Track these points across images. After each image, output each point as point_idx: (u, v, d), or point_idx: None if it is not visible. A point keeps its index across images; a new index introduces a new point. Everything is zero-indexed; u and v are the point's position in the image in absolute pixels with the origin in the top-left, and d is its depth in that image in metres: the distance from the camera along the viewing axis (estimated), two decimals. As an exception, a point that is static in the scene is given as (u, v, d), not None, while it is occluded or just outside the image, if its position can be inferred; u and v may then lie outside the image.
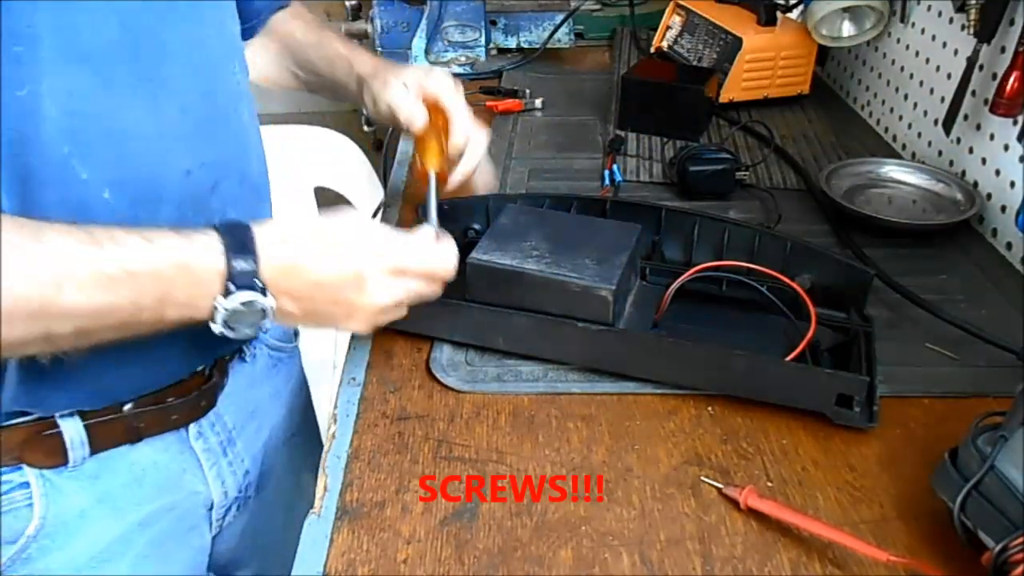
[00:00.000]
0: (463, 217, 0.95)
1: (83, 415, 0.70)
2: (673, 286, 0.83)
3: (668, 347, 0.79)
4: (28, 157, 0.59)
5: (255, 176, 0.79)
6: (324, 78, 0.95)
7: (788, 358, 0.77)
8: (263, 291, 0.62)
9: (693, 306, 0.86)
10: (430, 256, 0.71)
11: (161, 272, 0.59)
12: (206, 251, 0.61)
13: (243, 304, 0.61)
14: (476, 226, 0.95)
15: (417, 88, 0.86)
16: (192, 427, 0.78)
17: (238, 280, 0.61)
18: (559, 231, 0.85)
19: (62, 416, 0.69)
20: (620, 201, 0.97)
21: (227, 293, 0.61)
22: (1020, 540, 0.55)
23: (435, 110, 0.84)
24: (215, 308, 0.61)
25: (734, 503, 0.67)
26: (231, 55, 0.75)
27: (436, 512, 0.67)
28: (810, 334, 0.78)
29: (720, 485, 0.69)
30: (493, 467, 0.71)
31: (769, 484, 0.69)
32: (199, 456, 0.79)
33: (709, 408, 0.77)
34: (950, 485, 0.61)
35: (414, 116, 0.84)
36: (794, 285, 0.83)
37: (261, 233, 0.63)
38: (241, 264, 0.61)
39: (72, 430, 0.69)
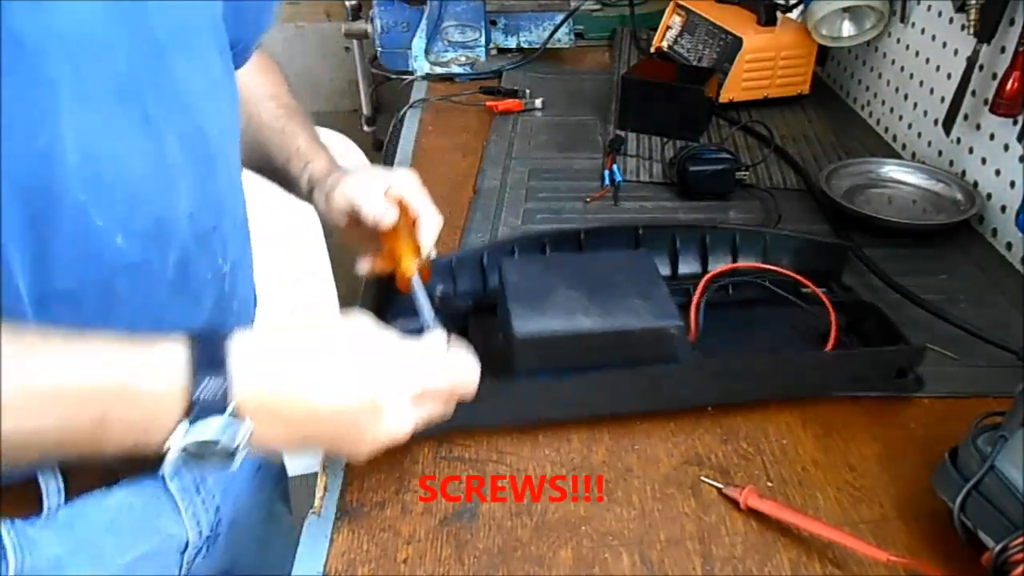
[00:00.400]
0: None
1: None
2: (695, 302, 0.83)
3: (741, 367, 0.77)
4: (45, 206, 0.56)
5: (243, 218, 0.77)
6: (277, 168, 0.89)
7: (828, 346, 0.79)
8: (234, 417, 0.52)
9: (705, 316, 0.84)
10: (454, 374, 0.62)
11: (98, 390, 0.49)
12: (163, 363, 0.51)
13: (203, 442, 0.51)
14: (441, 287, 0.87)
15: (382, 185, 0.79)
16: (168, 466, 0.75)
17: (203, 405, 0.51)
18: (577, 276, 0.78)
19: None
20: (592, 230, 0.93)
21: (188, 420, 0.51)
22: (1020, 540, 0.55)
23: (402, 210, 0.78)
24: (168, 438, 0.51)
25: (734, 503, 0.67)
26: (221, 95, 0.71)
27: (436, 512, 0.67)
28: (833, 320, 0.80)
29: (720, 485, 0.69)
30: (493, 467, 0.71)
31: (769, 484, 0.69)
32: (175, 496, 0.76)
33: (709, 408, 0.77)
34: (950, 485, 0.61)
35: (384, 214, 0.76)
36: (800, 279, 0.84)
37: (242, 345, 0.53)
38: (209, 383, 0.51)
39: (49, 476, 0.65)
